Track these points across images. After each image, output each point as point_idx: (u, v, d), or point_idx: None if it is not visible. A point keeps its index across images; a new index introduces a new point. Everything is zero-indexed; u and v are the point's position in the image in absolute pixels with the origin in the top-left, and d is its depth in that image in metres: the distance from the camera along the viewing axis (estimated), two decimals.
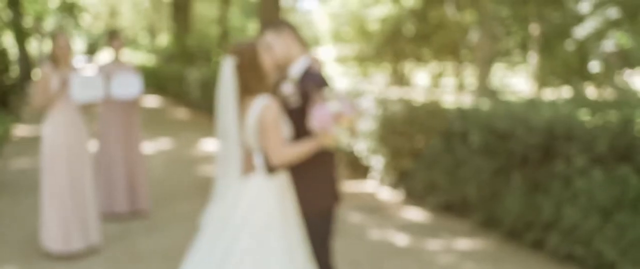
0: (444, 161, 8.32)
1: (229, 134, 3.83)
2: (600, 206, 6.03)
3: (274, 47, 4.07)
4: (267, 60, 3.95)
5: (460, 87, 36.44)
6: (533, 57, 27.50)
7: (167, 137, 15.75)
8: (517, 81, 38.06)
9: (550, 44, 17.95)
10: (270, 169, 3.87)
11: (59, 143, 6.66)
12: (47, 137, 6.69)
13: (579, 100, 7.23)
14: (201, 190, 9.77)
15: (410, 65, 38.39)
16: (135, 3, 44.11)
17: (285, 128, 3.87)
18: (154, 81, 28.62)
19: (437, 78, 37.64)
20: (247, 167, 3.92)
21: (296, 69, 4.09)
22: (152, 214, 8.42)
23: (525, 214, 6.96)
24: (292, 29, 4.19)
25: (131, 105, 8.24)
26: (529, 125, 6.84)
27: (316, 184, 4.06)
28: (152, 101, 25.44)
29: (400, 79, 37.37)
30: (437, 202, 8.57)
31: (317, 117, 3.63)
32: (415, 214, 8.57)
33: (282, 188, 3.95)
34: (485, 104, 8.20)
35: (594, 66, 16.69)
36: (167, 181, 10.57)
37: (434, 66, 37.02)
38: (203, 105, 20.41)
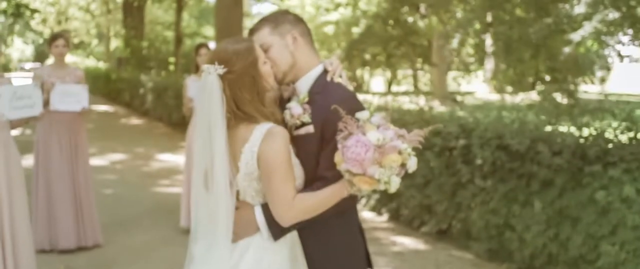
0: (441, 181, 7.28)
1: (216, 180, 2.61)
2: None
3: (274, 50, 2.82)
4: (266, 70, 2.74)
5: (417, 92, 36.01)
6: (490, 63, 26.92)
7: (119, 151, 14.39)
8: (471, 87, 38.00)
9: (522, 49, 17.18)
10: (277, 228, 2.66)
11: None
12: None
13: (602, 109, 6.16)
14: (162, 214, 8.55)
15: (365, 71, 37.79)
16: (85, 7, 42.29)
17: (297, 169, 2.69)
18: (105, 88, 27.27)
19: (391, 83, 37.12)
20: (241, 227, 2.71)
21: (307, 81, 2.85)
22: (103, 246, 7.14)
23: (546, 246, 5.93)
24: (298, 23, 2.91)
25: (76, 116, 6.97)
26: (554, 142, 5.82)
27: (340, 247, 2.85)
28: (103, 109, 23.93)
29: (358, 86, 36.61)
30: (431, 228, 7.53)
31: (353, 152, 2.43)
32: (408, 241, 7.50)
33: (292, 256, 2.76)
34: (491, 115, 7.16)
35: (600, 71, 15.98)
36: (121, 204, 9.26)
37: (389, 72, 36.47)
38: (158, 114, 19.23)
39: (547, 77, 16.46)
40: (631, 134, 5.55)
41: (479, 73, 40.23)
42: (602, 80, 31.36)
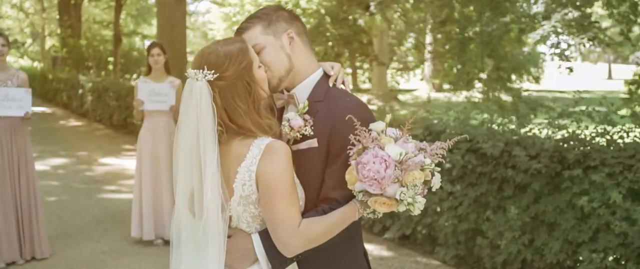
0: None
1: (206, 204, 2.21)
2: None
3: (268, 52, 2.40)
4: (260, 75, 2.34)
5: (355, 89, 36.22)
6: (429, 62, 27.18)
7: (60, 155, 13.74)
8: (409, 85, 38.51)
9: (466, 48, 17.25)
10: (279, 259, 2.28)
11: None
12: None
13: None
14: (111, 223, 8.07)
15: None
16: (18, 5, 40.94)
17: (298, 189, 2.31)
18: (41, 88, 26.35)
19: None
20: (235, 258, 2.31)
21: (305, 88, 2.46)
22: (50, 258, 6.64)
23: (521, 253, 5.72)
24: (293, 20, 2.50)
25: (18, 122, 6.48)
26: (530, 146, 5.61)
27: None
28: (40, 111, 23.03)
29: None
30: (393, 234, 7.27)
31: (370, 169, 2.11)
32: (370, 248, 7.21)
33: None
34: (460, 117, 6.93)
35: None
36: (66, 212, 8.72)
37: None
38: (98, 115, 18.63)
39: (484, 75, 16.51)
40: (608, 137, 5.37)
41: (417, 71, 40.74)
42: (537, 79, 32.04)
